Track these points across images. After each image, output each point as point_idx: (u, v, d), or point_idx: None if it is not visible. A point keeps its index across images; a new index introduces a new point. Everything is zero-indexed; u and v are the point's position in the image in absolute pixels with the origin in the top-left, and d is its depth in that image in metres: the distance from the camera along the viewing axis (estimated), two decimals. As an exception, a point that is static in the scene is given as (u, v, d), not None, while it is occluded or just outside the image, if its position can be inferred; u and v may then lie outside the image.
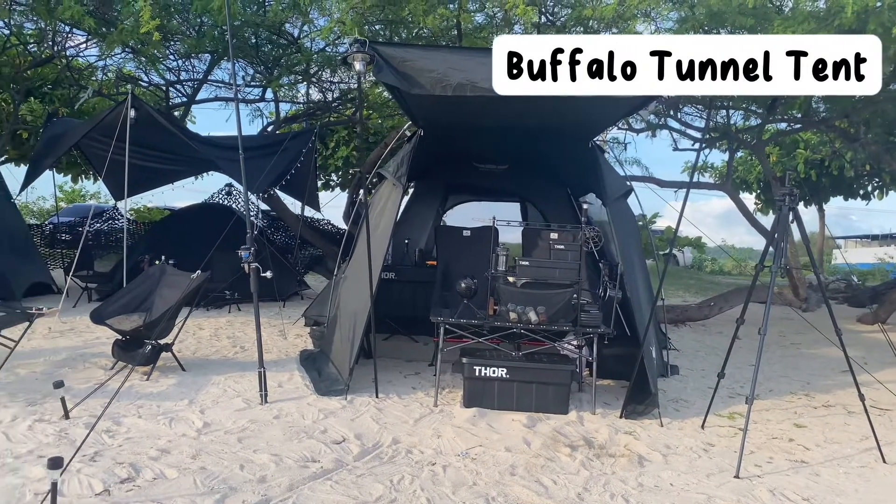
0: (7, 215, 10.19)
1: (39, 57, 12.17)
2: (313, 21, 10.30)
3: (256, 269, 5.15)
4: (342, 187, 18.74)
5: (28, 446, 4.02)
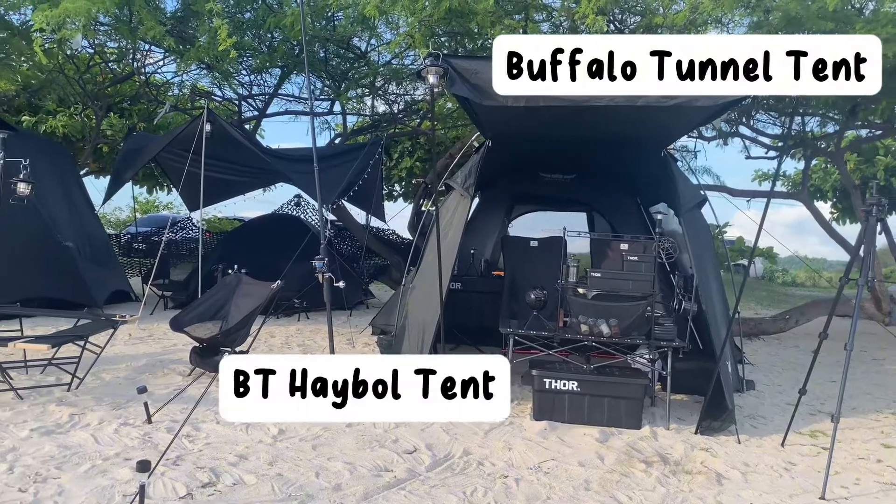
0: (90, 226, 10.67)
1: (120, 74, 12.74)
2: (380, 35, 10.49)
3: (330, 278, 5.23)
4: (405, 197, 18.94)
5: (115, 449, 4.18)
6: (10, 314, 6.30)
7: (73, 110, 14.16)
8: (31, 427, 4.48)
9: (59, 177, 9.92)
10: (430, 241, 6.95)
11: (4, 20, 10.62)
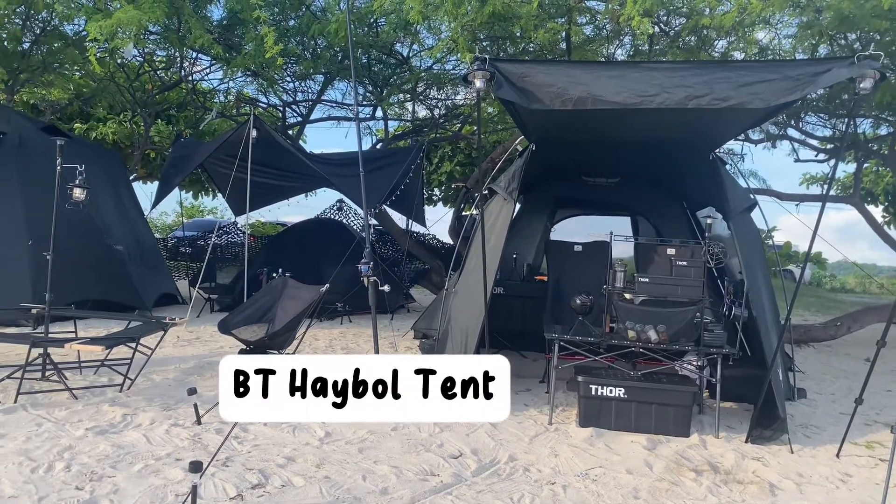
0: (140, 230, 10.94)
1: (168, 82, 13.04)
2: (422, 40, 10.54)
3: (375, 282, 5.26)
4: (445, 202, 18.99)
5: (167, 449, 4.26)
6: (64, 316, 6.48)
7: (123, 117, 14.54)
8: (86, 426, 4.59)
9: (111, 182, 10.18)
10: (474, 246, 6.94)
11: (59, 31, 10.98)
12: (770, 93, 4.30)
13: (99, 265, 8.98)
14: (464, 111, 12.21)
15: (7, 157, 8.55)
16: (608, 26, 9.34)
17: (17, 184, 8.50)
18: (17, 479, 3.67)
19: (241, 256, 14.43)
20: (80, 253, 8.23)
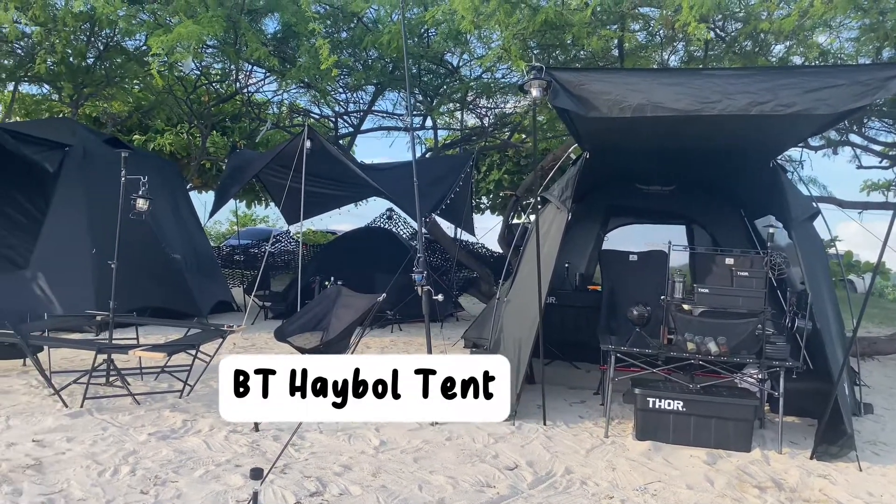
0: (197, 239, 11.19)
1: (224, 94, 13.36)
2: (472, 50, 10.56)
3: (429, 291, 5.28)
4: (493, 210, 18.95)
5: (226, 455, 4.33)
6: (126, 322, 6.66)
7: (180, 129, 14.94)
8: (148, 431, 4.70)
9: (169, 192, 10.45)
10: (526, 255, 6.90)
11: (121, 46, 11.35)
12: (838, 98, 4.17)
13: (158, 273, 9.22)
14: (514, 119, 12.18)
15: (72, 168, 8.86)
16: (661, 32, 9.21)
17: (82, 194, 8.79)
18: (86, 482, 3.78)
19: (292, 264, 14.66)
20: (141, 261, 8.46)
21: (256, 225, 27.95)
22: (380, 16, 10.34)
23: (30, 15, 8.78)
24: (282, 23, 9.88)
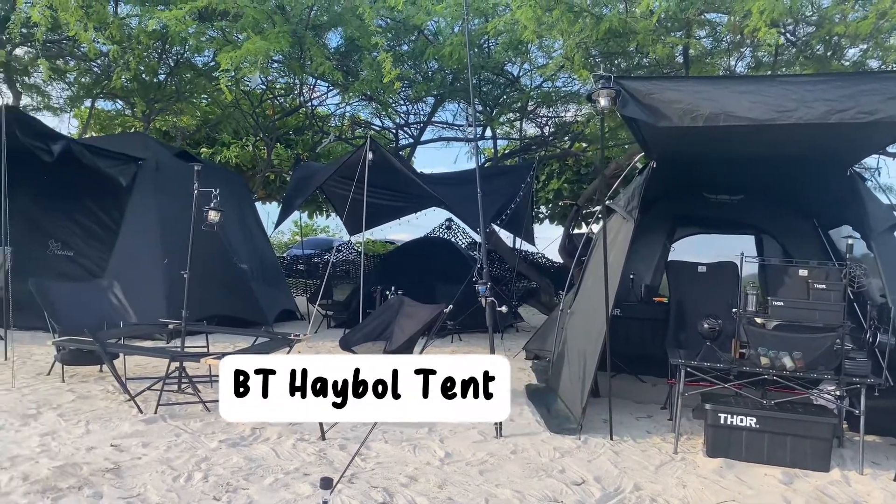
0: (262, 249, 11.46)
1: (288, 108, 13.67)
2: (533, 59, 10.54)
3: (493, 303, 5.26)
4: (551, 220, 18.80)
5: (294, 464, 4.39)
6: (195, 331, 6.84)
7: (245, 142, 15.35)
8: (219, 438, 4.80)
9: (236, 203, 10.72)
10: (590, 266, 6.82)
11: (191, 62, 11.75)
12: (925, 104, 3.99)
13: (226, 283, 9.46)
14: (575, 128, 12.08)
15: (145, 181, 9.19)
16: (728, 38, 9.01)
17: (154, 206, 9.11)
18: (161, 487, 3.88)
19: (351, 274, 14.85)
20: (210, 271, 8.68)
21: (317, 235, 28.45)
22: (440, 27, 10.42)
23: (107, 34, 9.17)
24: (345, 37, 10.05)
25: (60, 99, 13.16)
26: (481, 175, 11.49)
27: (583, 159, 14.23)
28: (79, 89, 12.53)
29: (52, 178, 9.10)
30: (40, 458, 4.23)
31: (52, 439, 4.61)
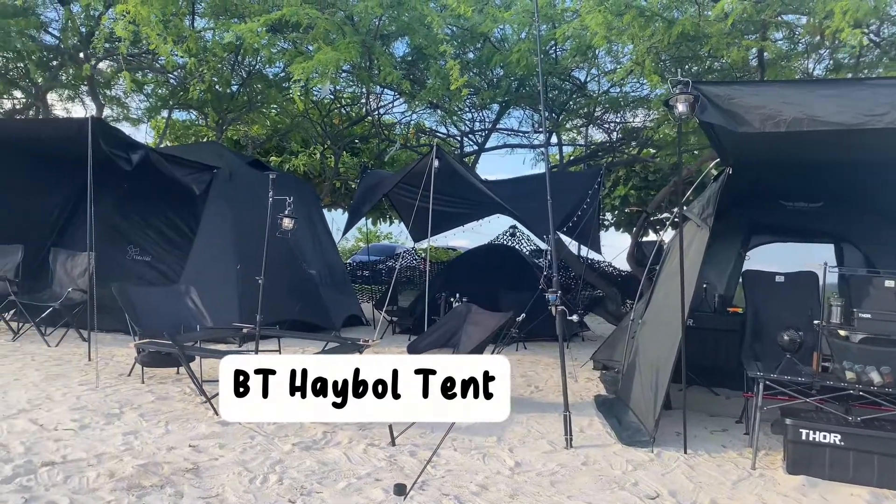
0: (330, 255, 11.67)
1: (355, 117, 13.91)
2: (600, 65, 10.42)
3: (563, 311, 5.21)
4: (617, 227, 18.52)
5: (366, 469, 4.43)
6: (268, 335, 7.00)
7: (313, 150, 15.68)
8: (292, 441, 4.89)
9: (306, 210, 10.95)
10: (663, 275, 6.68)
11: (262, 73, 12.08)
12: None
13: (296, 288, 9.66)
14: (645, 133, 11.86)
15: (220, 189, 9.47)
16: (805, 40, 8.71)
17: (228, 213, 9.38)
18: (238, 488, 3.97)
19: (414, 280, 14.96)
20: (281, 277, 8.89)
21: (380, 241, 28.81)
22: (505, 34, 10.42)
23: (184, 47, 9.52)
24: (412, 46, 10.15)
25: (139, 110, 13.74)
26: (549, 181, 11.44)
27: (651, 165, 13.97)
28: (156, 100, 13.05)
29: (132, 185, 9.48)
30: (124, 457, 4.39)
31: (135, 438, 4.78)
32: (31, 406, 5.38)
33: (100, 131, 7.56)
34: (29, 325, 8.37)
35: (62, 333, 8.40)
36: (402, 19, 9.02)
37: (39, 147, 8.84)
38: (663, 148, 12.24)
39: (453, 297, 10.19)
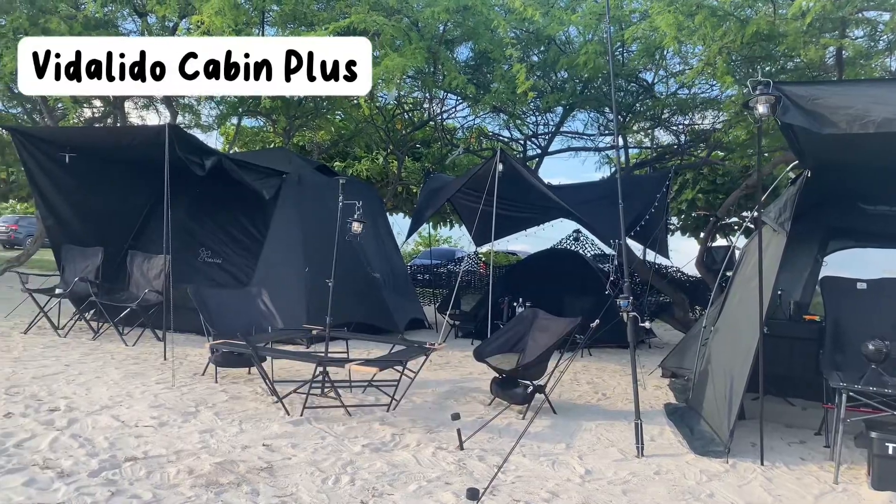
0: (393, 259, 11.78)
1: (418, 121, 14.02)
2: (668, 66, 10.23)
3: (635, 318, 5.12)
4: (683, 231, 18.12)
5: (435, 472, 4.44)
6: (337, 337, 7.10)
7: (375, 155, 15.88)
8: (362, 443, 4.94)
9: (370, 214, 11.06)
10: (737, 281, 6.51)
11: (328, 80, 12.27)
12: None
13: (360, 290, 9.78)
14: (716, 136, 11.56)
15: (289, 193, 9.68)
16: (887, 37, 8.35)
17: (296, 217, 9.57)
18: (312, 488, 4.04)
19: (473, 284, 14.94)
20: (347, 279, 9.01)
21: (440, 245, 28.93)
22: (570, 37, 10.34)
23: (254, 56, 9.76)
24: (476, 50, 10.17)
25: (209, 117, 14.17)
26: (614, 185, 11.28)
27: (719, 168, 13.62)
28: (227, 108, 13.43)
29: (203, 190, 9.77)
30: (201, 454, 4.52)
31: (211, 436, 4.91)
32: (113, 403, 5.59)
33: (176, 137, 7.81)
34: (108, 325, 8.71)
35: (138, 333, 8.72)
36: (468, 24, 9.04)
37: (119, 153, 9.21)
38: (734, 150, 11.90)
39: (516, 301, 10.15)
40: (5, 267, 13.62)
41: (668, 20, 6.66)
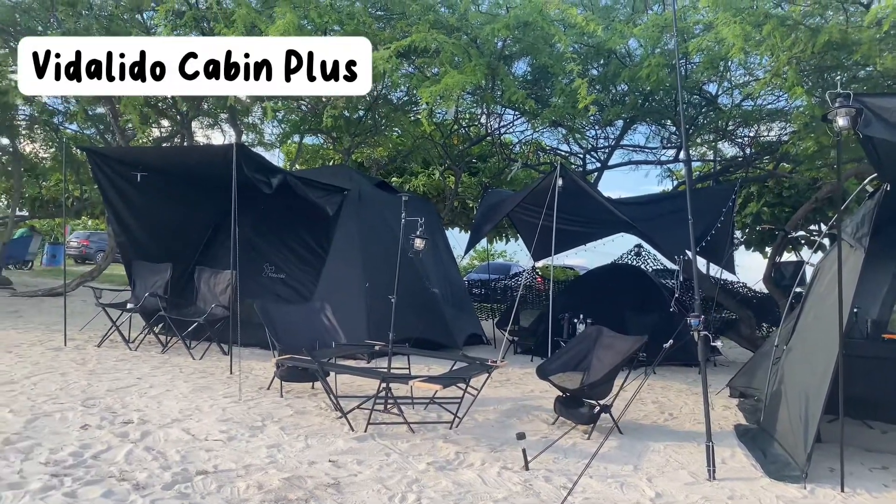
0: (451, 273, 11.78)
1: (474, 137, 14.06)
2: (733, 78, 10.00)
3: (706, 337, 4.98)
4: (747, 245, 17.61)
5: (501, 493, 4.39)
6: (399, 352, 7.12)
7: (432, 171, 15.97)
8: (426, 461, 4.93)
9: (429, 230, 11.12)
10: (812, 298, 6.28)
11: (387, 98, 12.45)
12: None
13: (419, 306, 9.81)
14: (784, 149, 11.21)
15: (350, 210, 9.81)
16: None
17: (357, 233, 9.69)
18: (379, 506, 4.04)
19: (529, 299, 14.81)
20: (407, 295, 9.04)
21: (495, 259, 28.88)
22: (630, 49, 10.22)
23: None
24: (535, 65, 10.15)
25: (272, 135, 14.51)
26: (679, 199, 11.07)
27: (785, 181, 13.21)
28: (289, 126, 13.73)
29: (267, 206, 9.98)
30: (269, 469, 4.58)
31: (278, 451, 4.97)
32: (183, 416, 5.72)
33: (243, 156, 8.01)
34: (176, 339, 8.96)
35: (205, 347, 8.94)
36: (527, 39, 9.04)
37: (188, 172, 9.49)
38: (802, 163, 11.53)
39: (577, 318, 10.01)
40: (79, 281, 14.18)
41: (735, 31, 6.51)
